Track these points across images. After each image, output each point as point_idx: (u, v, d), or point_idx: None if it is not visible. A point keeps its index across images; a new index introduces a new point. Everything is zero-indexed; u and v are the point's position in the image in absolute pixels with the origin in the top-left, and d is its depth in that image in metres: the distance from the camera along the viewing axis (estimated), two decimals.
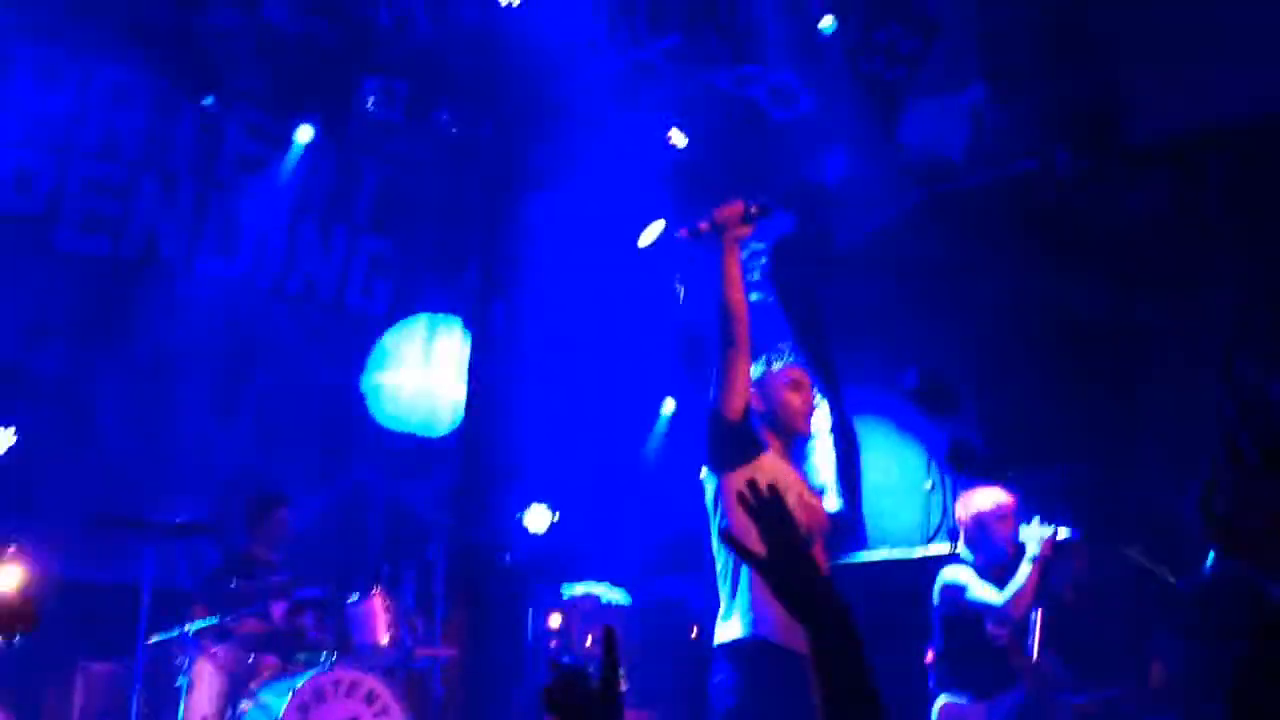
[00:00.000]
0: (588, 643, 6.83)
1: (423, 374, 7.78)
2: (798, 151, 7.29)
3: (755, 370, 4.03)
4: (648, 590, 7.27)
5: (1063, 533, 5.23)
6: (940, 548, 5.73)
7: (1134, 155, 6.46)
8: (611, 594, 7.04)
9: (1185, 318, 6.34)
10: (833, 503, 7.01)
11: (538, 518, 7.38)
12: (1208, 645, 5.74)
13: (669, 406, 8.00)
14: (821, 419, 7.03)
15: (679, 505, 6.90)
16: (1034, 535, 5.20)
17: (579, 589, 6.96)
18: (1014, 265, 6.94)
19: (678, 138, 7.41)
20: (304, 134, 7.29)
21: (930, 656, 5.53)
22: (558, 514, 7.05)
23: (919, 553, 6.79)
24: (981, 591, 5.21)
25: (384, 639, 5.79)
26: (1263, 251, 5.86)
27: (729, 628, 3.82)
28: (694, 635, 6.95)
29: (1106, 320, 6.67)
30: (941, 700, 5.39)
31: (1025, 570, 5.12)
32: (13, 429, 5.97)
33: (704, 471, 4.00)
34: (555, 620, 6.72)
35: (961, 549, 5.54)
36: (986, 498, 5.49)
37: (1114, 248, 6.60)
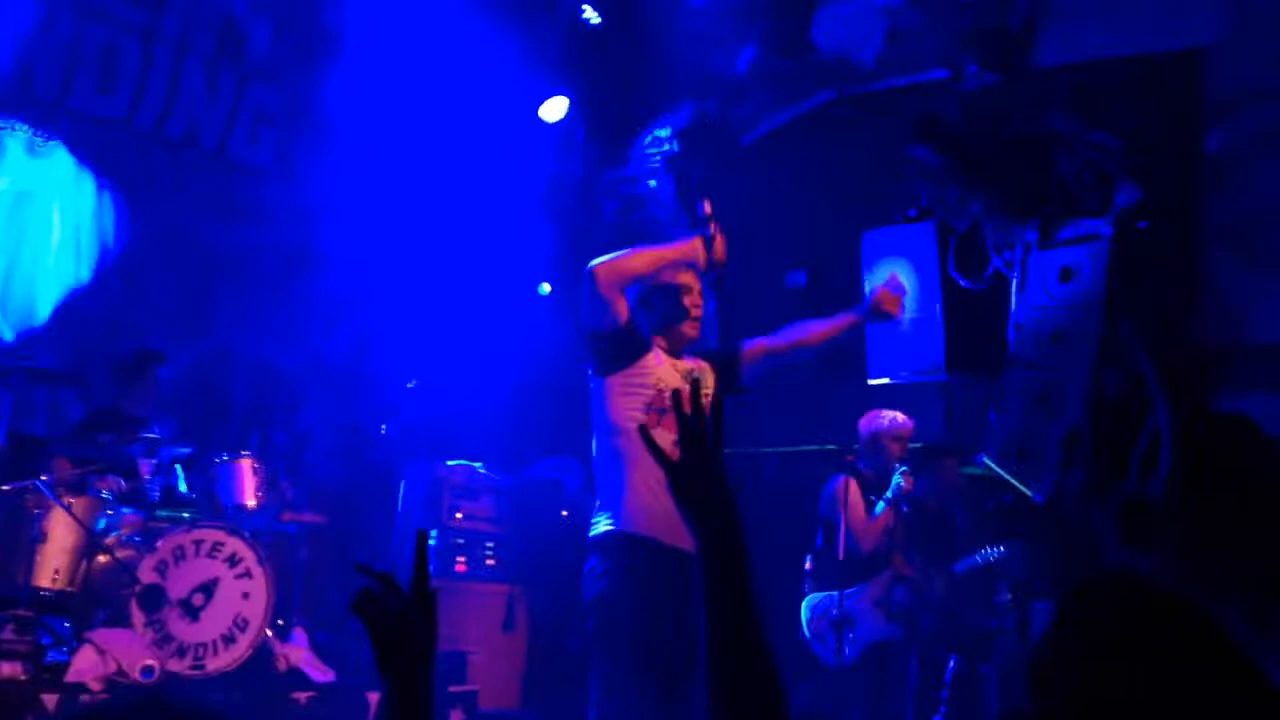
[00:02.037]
0: (458, 516, 6.85)
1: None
2: (709, 40, 7.14)
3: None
4: (524, 470, 7.30)
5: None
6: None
7: (1039, 77, 6.48)
8: (485, 471, 7.05)
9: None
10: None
11: None
12: (1051, 556, 6.08)
13: (546, 289, 7.92)
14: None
15: (558, 389, 6.90)
16: (899, 481, 5.63)
17: (453, 464, 6.96)
18: (911, 172, 6.97)
19: (591, 14, 7.19)
20: None
21: (809, 564, 5.82)
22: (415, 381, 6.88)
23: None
24: (850, 512, 5.55)
25: (251, 501, 5.71)
26: (1154, 192, 5.98)
27: (601, 522, 3.88)
28: (564, 515, 7.02)
29: (988, 237, 6.77)
30: (808, 599, 5.72)
31: (880, 509, 5.63)
32: None
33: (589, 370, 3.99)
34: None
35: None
36: (887, 416, 5.90)
37: (1004, 166, 6.67)
